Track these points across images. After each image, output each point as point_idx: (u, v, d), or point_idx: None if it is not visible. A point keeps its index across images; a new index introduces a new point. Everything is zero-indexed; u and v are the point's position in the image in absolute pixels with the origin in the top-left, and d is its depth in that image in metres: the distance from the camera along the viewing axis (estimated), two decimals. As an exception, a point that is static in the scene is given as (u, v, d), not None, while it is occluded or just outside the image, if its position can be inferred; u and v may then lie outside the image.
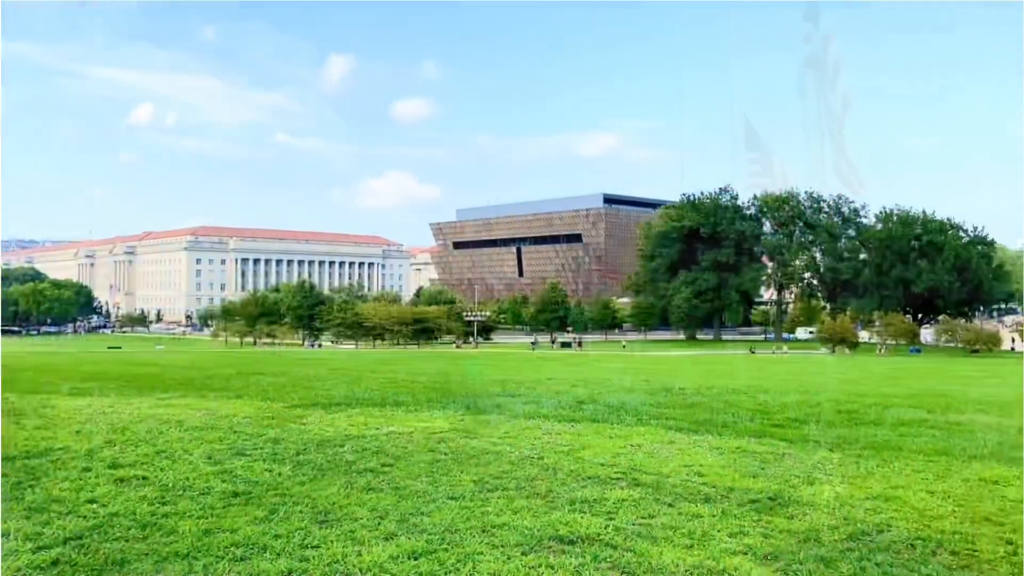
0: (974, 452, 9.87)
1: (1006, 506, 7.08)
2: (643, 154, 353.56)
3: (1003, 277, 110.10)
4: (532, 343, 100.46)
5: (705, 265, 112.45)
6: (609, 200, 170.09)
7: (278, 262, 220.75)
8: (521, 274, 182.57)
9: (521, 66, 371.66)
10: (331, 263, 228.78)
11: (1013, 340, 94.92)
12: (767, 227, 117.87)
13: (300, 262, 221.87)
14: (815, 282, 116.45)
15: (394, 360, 44.09)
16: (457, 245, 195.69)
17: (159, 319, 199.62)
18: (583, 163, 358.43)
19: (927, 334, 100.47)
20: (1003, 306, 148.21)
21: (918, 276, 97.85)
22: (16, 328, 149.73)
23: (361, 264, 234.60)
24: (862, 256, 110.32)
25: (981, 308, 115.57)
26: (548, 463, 8.65)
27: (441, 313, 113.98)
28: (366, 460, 8.71)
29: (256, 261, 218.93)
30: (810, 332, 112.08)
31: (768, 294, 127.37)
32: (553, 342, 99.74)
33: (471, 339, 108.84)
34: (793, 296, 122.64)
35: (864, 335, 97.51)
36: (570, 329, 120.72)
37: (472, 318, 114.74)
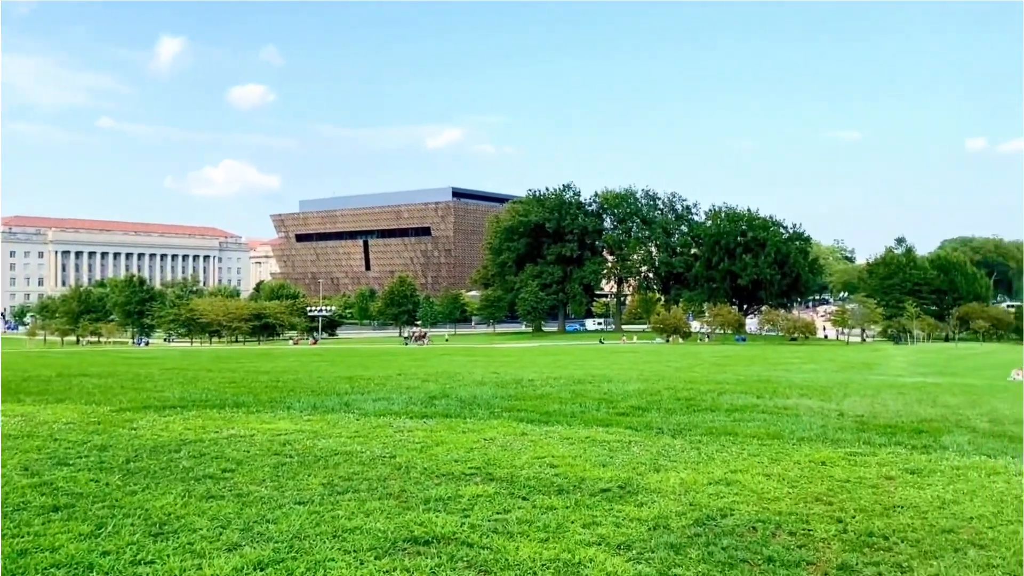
0: (802, 435, 10.54)
1: (834, 486, 7.57)
2: (489, 149, 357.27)
3: (818, 270, 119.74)
4: (405, 338, 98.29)
5: (550, 259, 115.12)
6: (457, 194, 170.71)
7: (103, 255, 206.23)
8: (368, 267, 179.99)
9: (366, 56, 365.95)
10: (163, 256, 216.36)
11: (825, 328, 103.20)
12: (607, 223, 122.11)
13: (129, 255, 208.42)
14: (651, 275, 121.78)
15: (233, 358, 42.23)
16: (300, 238, 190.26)
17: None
18: (430, 156, 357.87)
19: (752, 323, 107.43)
20: (817, 297, 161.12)
21: (743, 270, 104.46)
22: None
23: (196, 257, 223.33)
24: (693, 251, 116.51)
25: (799, 299, 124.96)
26: (401, 461, 8.47)
27: (283, 308, 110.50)
28: (205, 466, 8.21)
29: (79, 254, 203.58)
30: (598, 323, 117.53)
31: (608, 287, 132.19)
32: (420, 337, 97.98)
33: (313, 335, 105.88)
34: (631, 288, 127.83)
35: (696, 325, 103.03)
36: (418, 323, 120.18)
37: (316, 313, 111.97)
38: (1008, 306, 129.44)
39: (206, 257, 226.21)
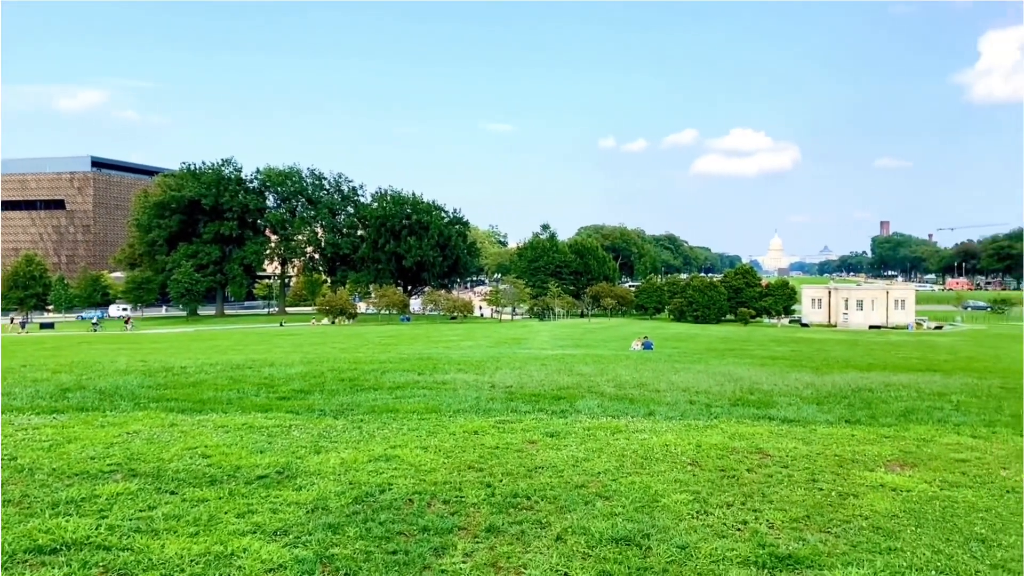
0: (458, 407, 11.12)
1: (485, 453, 8.09)
2: (134, 116, 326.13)
3: (475, 253, 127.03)
4: (94, 322, 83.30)
5: (207, 238, 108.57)
6: (98, 164, 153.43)
7: None
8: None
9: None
10: None
11: (482, 307, 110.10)
12: (271, 201, 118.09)
13: None
14: (317, 256, 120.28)
15: None
16: None
17: None
18: (63, 120, 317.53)
19: (415, 303, 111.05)
20: (475, 278, 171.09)
21: (408, 251, 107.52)
22: None
23: None
24: (360, 232, 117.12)
25: (459, 280, 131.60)
26: (23, 463, 7.44)
27: None
28: None
29: None
30: (124, 309, 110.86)
31: (272, 268, 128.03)
32: (94, 323, 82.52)
33: None
34: (296, 270, 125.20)
35: (363, 306, 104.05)
36: (50, 308, 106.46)
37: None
38: (630, 285, 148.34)
39: None
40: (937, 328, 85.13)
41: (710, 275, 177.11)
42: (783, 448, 8.63)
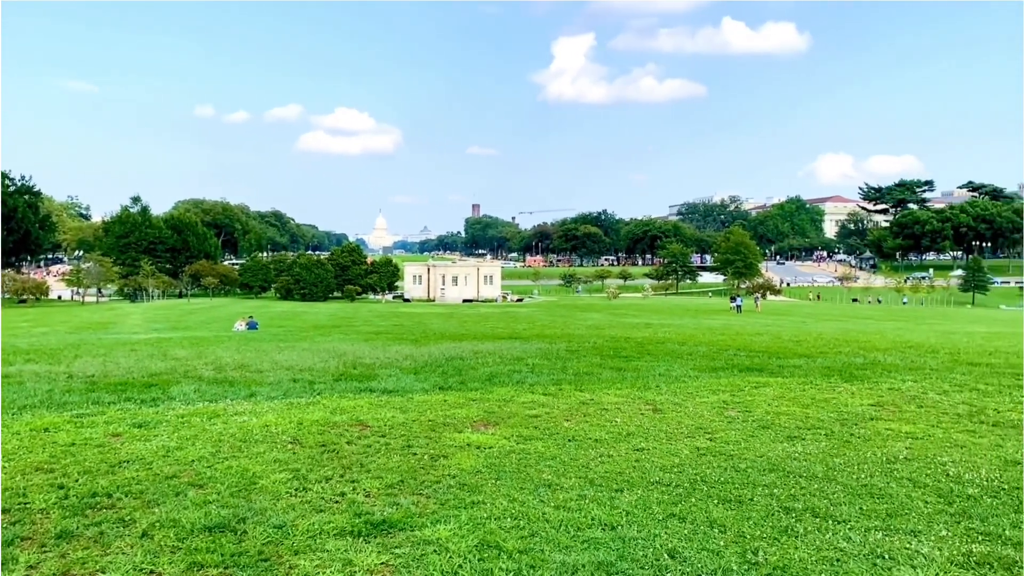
0: (25, 403, 9.74)
1: (57, 452, 7.19)
2: None
3: (50, 227, 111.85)
4: None
5: None
6: None
7: None
8: None
9: None
10: None
11: (60, 289, 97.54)
12: None
13: None
14: None
15: None
16: None
17: None
18: None
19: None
20: (50, 256, 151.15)
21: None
22: None
23: None
24: None
25: (29, 258, 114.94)
26: None
27: None
28: None
29: None
30: None
31: None
32: None
33: None
34: None
35: None
36: None
37: None
38: (234, 263, 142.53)
39: None
40: (519, 300, 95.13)
41: (318, 253, 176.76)
42: (382, 418, 9.00)
